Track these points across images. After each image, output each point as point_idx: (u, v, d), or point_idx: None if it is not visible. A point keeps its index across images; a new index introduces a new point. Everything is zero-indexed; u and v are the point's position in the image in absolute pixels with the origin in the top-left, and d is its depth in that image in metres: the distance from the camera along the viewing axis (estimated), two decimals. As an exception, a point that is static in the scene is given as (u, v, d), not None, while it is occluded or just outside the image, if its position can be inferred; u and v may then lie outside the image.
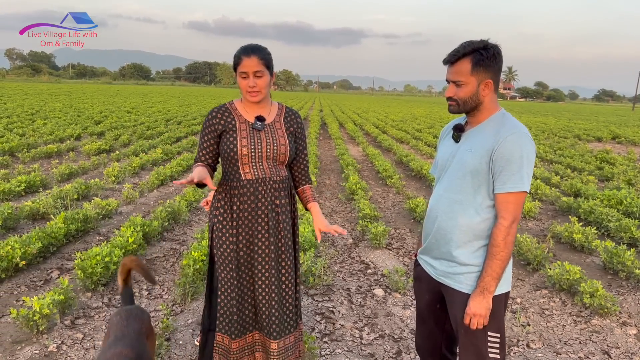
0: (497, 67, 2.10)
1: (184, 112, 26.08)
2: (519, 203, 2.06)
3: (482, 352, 2.16)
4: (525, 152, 2.04)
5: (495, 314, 2.14)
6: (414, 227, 6.76)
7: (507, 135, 2.05)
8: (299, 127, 2.71)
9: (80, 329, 3.62)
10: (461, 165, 2.17)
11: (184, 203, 6.58)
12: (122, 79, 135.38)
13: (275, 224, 2.59)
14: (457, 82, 2.12)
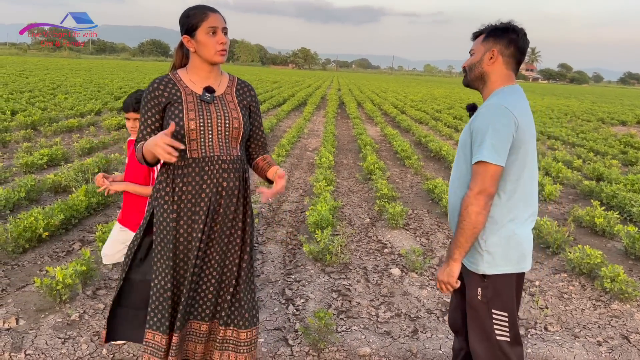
0: (508, 41, 2.12)
1: (202, 89, 26.08)
2: (484, 174, 2.03)
3: (487, 330, 2.18)
4: (492, 123, 2.02)
5: (500, 293, 2.16)
6: (432, 208, 6.72)
7: (482, 108, 2.11)
8: (253, 101, 2.45)
9: (101, 300, 3.69)
10: (459, 143, 2.25)
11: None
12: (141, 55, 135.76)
13: (216, 207, 2.31)
14: (471, 52, 2.23)
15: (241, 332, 2.47)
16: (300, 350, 3.20)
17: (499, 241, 2.13)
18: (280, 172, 2.39)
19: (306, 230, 5.46)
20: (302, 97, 24.77)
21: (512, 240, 2.13)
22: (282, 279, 4.26)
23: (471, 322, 2.25)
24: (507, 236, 2.13)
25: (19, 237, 4.28)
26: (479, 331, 2.21)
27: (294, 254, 4.87)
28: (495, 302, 2.16)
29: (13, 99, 15.20)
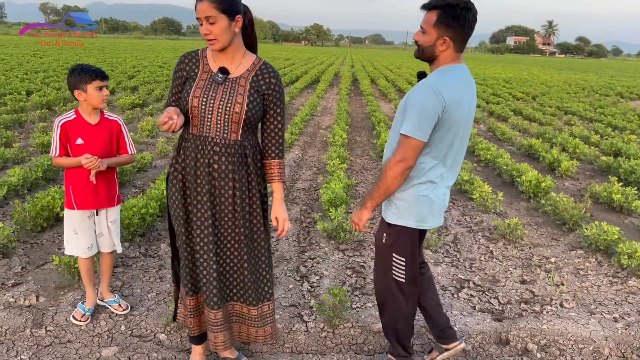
0: (458, 29, 2.25)
1: (215, 67, 26.00)
2: (407, 145, 2.28)
3: (387, 266, 2.55)
4: (423, 102, 2.23)
5: (400, 241, 2.49)
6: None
7: (420, 85, 2.30)
8: (272, 89, 2.36)
9: (119, 277, 3.75)
10: (399, 108, 2.43)
11: (216, 157, 6.63)
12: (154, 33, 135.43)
13: (211, 189, 2.36)
14: (422, 29, 2.32)
15: (251, 309, 2.56)
16: (315, 326, 3.22)
17: (408, 198, 2.42)
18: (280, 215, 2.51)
19: (320, 208, 5.47)
20: (315, 74, 24.58)
21: (420, 201, 2.41)
22: (296, 257, 4.28)
23: (376, 260, 2.66)
24: (416, 196, 2.41)
25: (37, 216, 4.35)
26: (381, 269, 2.60)
27: (308, 231, 4.89)
28: (396, 248, 2.50)
29: (28, 79, 15.31)
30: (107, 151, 3.02)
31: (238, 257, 2.48)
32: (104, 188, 3.04)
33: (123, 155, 3.11)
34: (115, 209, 3.16)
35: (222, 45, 2.27)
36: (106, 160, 2.94)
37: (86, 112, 2.99)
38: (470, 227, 5.18)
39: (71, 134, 2.94)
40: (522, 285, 3.93)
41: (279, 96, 2.39)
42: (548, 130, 10.18)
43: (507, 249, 4.63)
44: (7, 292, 3.43)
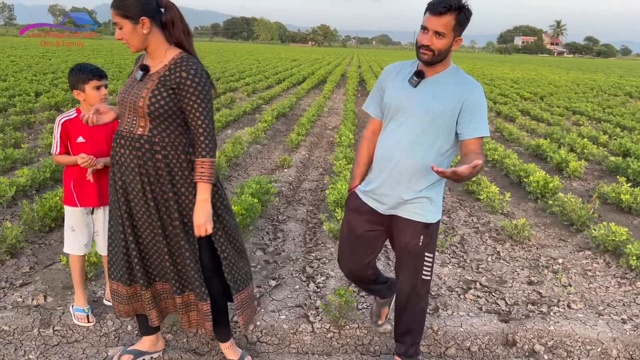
0: (465, 28, 2.34)
1: (222, 68, 26.12)
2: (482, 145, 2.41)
3: (418, 269, 2.53)
4: (484, 103, 2.39)
5: (433, 238, 2.53)
6: (452, 185, 6.65)
7: (473, 89, 2.35)
8: (182, 83, 2.28)
9: (126, 277, 3.76)
10: (426, 110, 2.36)
11: (223, 158, 6.66)
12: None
13: (123, 183, 2.42)
14: (440, 33, 2.25)
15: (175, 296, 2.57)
16: (321, 327, 3.23)
17: (438, 193, 2.50)
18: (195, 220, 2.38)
19: (326, 209, 5.47)
20: (322, 75, 24.60)
21: (441, 192, 2.54)
22: (302, 257, 4.28)
23: (406, 265, 2.56)
24: (441, 189, 2.52)
25: (45, 216, 4.38)
26: (411, 272, 2.55)
27: (314, 232, 4.89)
28: (429, 246, 2.52)
29: (37, 80, 15.42)
30: (107, 150, 3.03)
31: (158, 251, 2.49)
32: (105, 185, 3.05)
33: None
34: None
35: (135, 48, 2.34)
36: (102, 160, 2.95)
37: (86, 111, 3.00)
38: (477, 227, 5.16)
39: (72, 132, 2.96)
40: (529, 286, 3.91)
41: (192, 90, 2.28)
42: (556, 130, 10.12)
43: (514, 250, 4.61)
44: (15, 292, 3.46)
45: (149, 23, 2.28)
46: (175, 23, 2.36)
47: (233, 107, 12.60)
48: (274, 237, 4.73)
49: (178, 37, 2.38)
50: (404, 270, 2.58)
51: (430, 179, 2.42)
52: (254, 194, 5.03)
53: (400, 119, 2.44)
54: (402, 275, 2.60)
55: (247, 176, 6.82)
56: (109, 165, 2.99)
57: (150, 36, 2.32)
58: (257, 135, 8.97)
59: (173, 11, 2.37)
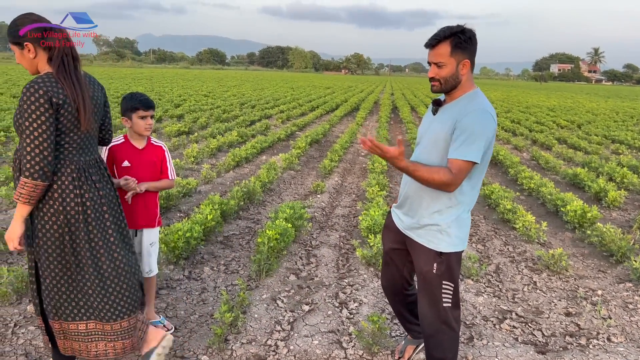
0: (473, 49, 2.37)
1: (257, 96, 26.66)
2: (464, 170, 2.31)
3: (437, 297, 2.54)
4: (484, 129, 2.31)
5: (451, 268, 2.51)
6: (488, 214, 6.59)
7: (470, 112, 2.33)
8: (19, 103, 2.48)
9: (163, 299, 3.86)
10: (432, 134, 2.47)
11: (258, 184, 6.78)
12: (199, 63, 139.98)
13: None
14: (438, 64, 2.37)
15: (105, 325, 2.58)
16: (354, 353, 3.23)
17: (456, 223, 2.46)
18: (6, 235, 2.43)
19: (359, 235, 5.49)
20: (355, 102, 24.82)
21: (464, 223, 2.50)
22: (335, 283, 4.30)
23: (423, 293, 2.60)
24: (461, 219, 2.48)
25: (89, 238, 4.54)
26: (429, 297, 2.57)
27: (347, 258, 4.91)
28: (446, 275, 2.51)
29: (81, 107, 16.07)
30: (150, 175, 3.17)
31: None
32: (143, 209, 3.17)
33: (163, 180, 3.25)
34: (154, 231, 3.28)
35: (29, 72, 2.51)
36: (145, 184, 3.09)
37: (133, 137, 3.15)
38: (512, 257, 5.09)
39: (118, 156, 3.11)
40: (567, 317, 3.83)
41: (19, 110, 2.31)
42: (594, 159, 9.92)
43: (551, 280, 4.52)
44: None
45: (33, 48, 2.43)
46: (53, 47, 2.46)
47: (268, 134, 12.84)
48: (307, 262, 4.78)
49: (55, 59, 2.45)
50: (422, 296, 2.62)
51: (437, 204, 2.45)
52: (288, 219, 5.10)
53: (419, 144, 2.61)
54: (420, 301, 2.64)
55: (280, 201, 6.92)
56: (150, 190, 3.13)
57: (36, 60, 2.45)
58: (291, 162, 9.11)
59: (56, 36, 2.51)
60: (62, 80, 2.38)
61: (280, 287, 4.17)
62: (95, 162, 2.58)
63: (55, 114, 2.33)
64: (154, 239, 3.30)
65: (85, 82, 2.52)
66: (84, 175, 2.48)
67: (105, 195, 2.57)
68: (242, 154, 9.12)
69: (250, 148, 9.76)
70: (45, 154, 2.30)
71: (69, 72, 2.43)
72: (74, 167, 2.45)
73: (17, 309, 3.56)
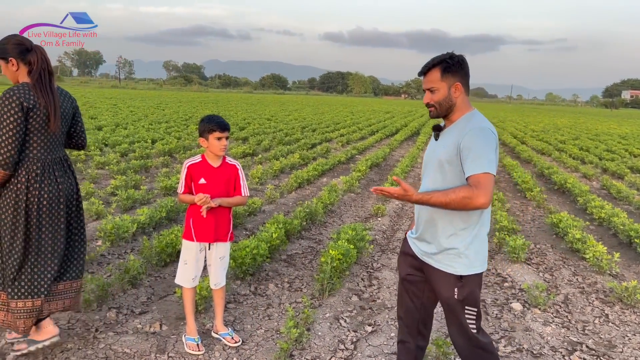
0: (463, 72, 2.47)
1: (318, 120, 27.08)
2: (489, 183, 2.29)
3: (462, 322, 2.51)
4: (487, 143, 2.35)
5: (472, 292, 2.49)
6: (556, 243, 6.38)
7: (469, 130, 2.39)
8: None
9: (231, 313, 4.01)
10: (436, 159, 2.52)
11: (320, 205, 6.90)
12: (262, 88, 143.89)
13: None
14: (431, 89, 2.50)
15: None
16: (417, 375, 3.22)
17: (474, 244, 2.46)
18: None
19: (421, 259, 5.46)
20: (415, 127, 24.72)
21: (481, 244, 2.49)
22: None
23: (449, 317, 2.58)
24: (479, 240, 2.48)
25: (162, 252, 4.80)
26: (456, 323, 2.54)
27: (409, 281, 4.90)
28: (468, 300, 2.48)
29: (153, 129, 16.93)
30: (225, 191, 3.36)
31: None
32: (216, 224, 3.35)
33: (236, 197, 3.42)
34: (226, 245, 3.45)
35: (11, 82, 3.01)
36: (218, 200, 3.27)
37: (209, 157, 3.36)
38: (582, 287, 4.91)
39: (195, 174, 3.32)
40: (643, 353, 3.65)
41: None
42: (672, 189, 9.39)
43: (624, 314, 4.33)
44: (135, 319, 3.81)
45: (16, 62, 2.98)
46: (33, 62, 2.98)
47: (328, 157, 13.02)
48: (368, 283, 4.81)
49: (33, 73, 2.98)
50: (450, 324, 2.60)
51: (451, 227, 2.46)
52: (350, 240, 5.16)
53: (425, 171, 2.66)
54: (450, 330, 2.62)
55: (341, 223, 7.00)
56: (224, 205, 3.31)
57: (18, 73, 3.00)
58: (352, 184, 9.20)
59: (35, 54, 3.00)
60: (39, 90, 2.93)
61: (342, 307, 4.22)
62: (60, 160, 3.13)
63: (24, 116, 2.88)
64: (224, 253, 3.46)
65: (57, 93, 3.05)
66: (48, 171, 3.02)
67: (64, 189, 3.10)
68: (303, 175, 9.30)
69: (311, 170, 9.94)
70: (10, 148, 2.84)
71: (44, 84, 2.97)
72: (40, 164, 2.99)
73: (98, 315, 3.81)
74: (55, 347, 3.32)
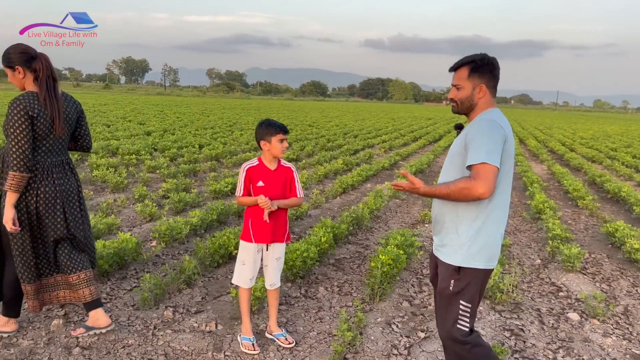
0: (491, 75, 2.50)
1: (359, 126, 27.07)
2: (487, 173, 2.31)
3: (453, 317, 2.49)
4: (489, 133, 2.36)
5: (470, 286, 2.46)
6: (612, 252, 6.17)
7: (474, 123, 2.46)
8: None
9: (283, 314, 4.05)
10: (450, 153, 2.59)
11: (366, 210, 6.90)
12: (302, 95, 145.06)
13: None
14: (457, 86, 2.54)
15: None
16: (474, 383, 3.17)
17: (476, 238, 2.44)
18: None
19: (472, 267, 5.38)
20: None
21: (487, 240, 2.46)
22: (450, 312, 4.25)
23: (440, 310, 2.58)
24: (487, 235, 2.45)
25: (215, 253, 4.90)
26: (445, 317, 2.54)
27: (460, 288, 4.83)
28: (464, 294, 2.47)
29: (199, 134, 17.32)
30: (281, 193, 3.42)
31: None
32: (277, 225, 3.41)
33: (292, 198, 3.47)
34: (282, 246, 3.51)
35: (18, 89, 3.18)
36: (277, 202, 3.33)
37: (267, 160, 3.42)
38: (643, 299, 4.72)
39: (254, 177, 3.39)
40: None
41: (4, 120, 3.04)
42: None
43: (691, 328, 4.14)
44: (191, 318, 3.90)
45: (22, 70, 3.12)
46: (38, 69, 3.12)
47: (372, 163, 12.99)
48: (419, 290, 4.77)
49: (40, 80, 3.13)
50: (437, 315, 2.63)
51: (456, 219, 2.48)
52: (399, 246, 5.14)
53: (444, 165, 2.68)
54: (437, 323, 2.65)
55: (387, 228, 6.97)
56: (281, 207, 3.36)
57: (25, 80, 3.14)
58: (397, 190, 9.14)
59: (40, 61, 3.13)
60: (46, 97, 3.09)
61: (394, 312, 4.20)
62: (61, 164, 3.30)
63: (31, 124, 3.05)
64: (280, 254, 3.52)
65: (61, 98, 3.21)
66: (46, 173, 3.19)
67: (61, 190, 3.26)
68: (348, 181, 9.32)
69: (355, 176, 9.95)
70: (27, 152, 3.04)
71: (50, 91, 3.14)
72: (39, 166, 3.17)
73: (156, 313, 3.92)
74: (117, 342, 3.45)
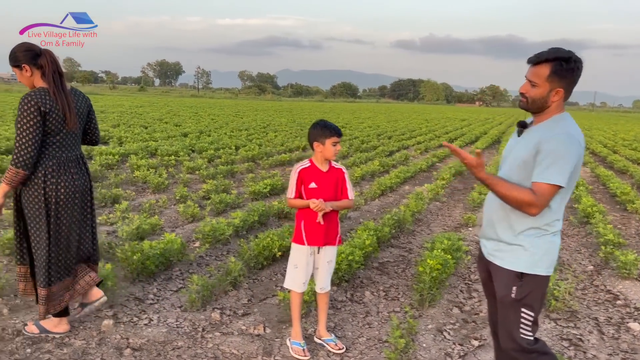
0: (571, 80, 2.30)
1: (392, 127, 26.85)
2: (548, 193, 2.23)
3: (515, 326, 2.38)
4: (569, 153, 2.22)
5: (533, 294, 2.36)
6: (669, 259, 5.87)
7: (554, 135, 2.26)
8: None
9: (331, 319, 3.97)
10: (516, 157, 2.40)
11: (408, 213, 6.77)
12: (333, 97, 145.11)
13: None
14: (532, 82, 2.33)
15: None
16: (535, 396, 3.03)
17: (542, 245, 2.35)
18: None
19: (521, 272, 5.20)
20: (495, 134, 23.88)
21: (549, 246, 2.36)
22: (502, 320, 4.10)
23: (503, 319, 2.45)
24: (549, 242, 2.36)
25: (259, 254, 4.86)
26: (506, 329, 2.42)
27: (511, 295, 4.67)
28: (527, 301, 2.36)
29: (234, 136, 17.43)
30: (333, 195, 3.35)
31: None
32: (329, 227, 3.33)
33: (344, 200, 3.40)
34: (334, 249, 3.43)
35: (28, 87, 3.18)
36: (330, 203, 3.25)
37: (319, 161, 3.35)
38: None
39: (306, 179, 3.32)
40: None
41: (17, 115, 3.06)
42: None
43: None
44: (239, 320, 3.86)
45: (29, 68, 3.13)
46: (44, 66, 3.12)
47: (408, 164, 12.82)
48: (468, 296, 4.63)
49: (47, 76, 3.13)
50: (499, 324, 2.50)
51: (520, 226, 2.37)
52: (446, 250, 5.00)
53: (502, 166, 2.55)
54: (499, 332, 2.53)
55: (430, 232, 6.82)
56: (333, 209, 3.29)
57: (33, 77, 3.15)
58: (437, 192, 8.98)
59: (45, 57, 3.13)
60: (55, 91, 3.09)
61: (444, 319, 4.08)
62: (76, 158, 3.30)
63: (42, 119, 3.04)
64: (332, 256, 3.44)
65: (70, 93, 3.22)
66: (63, 167, 3.19)
67: (79, 185, 3.28)
68: (386, 183, 9.19)
69: (393, 177, 9.81)
70: (29, 150, 3.01)
71: (58, 85, 3.14)
72: (55, 161, 3.16)
73: (203, 315, 3.90)
74: (166, 344, 3.43)
